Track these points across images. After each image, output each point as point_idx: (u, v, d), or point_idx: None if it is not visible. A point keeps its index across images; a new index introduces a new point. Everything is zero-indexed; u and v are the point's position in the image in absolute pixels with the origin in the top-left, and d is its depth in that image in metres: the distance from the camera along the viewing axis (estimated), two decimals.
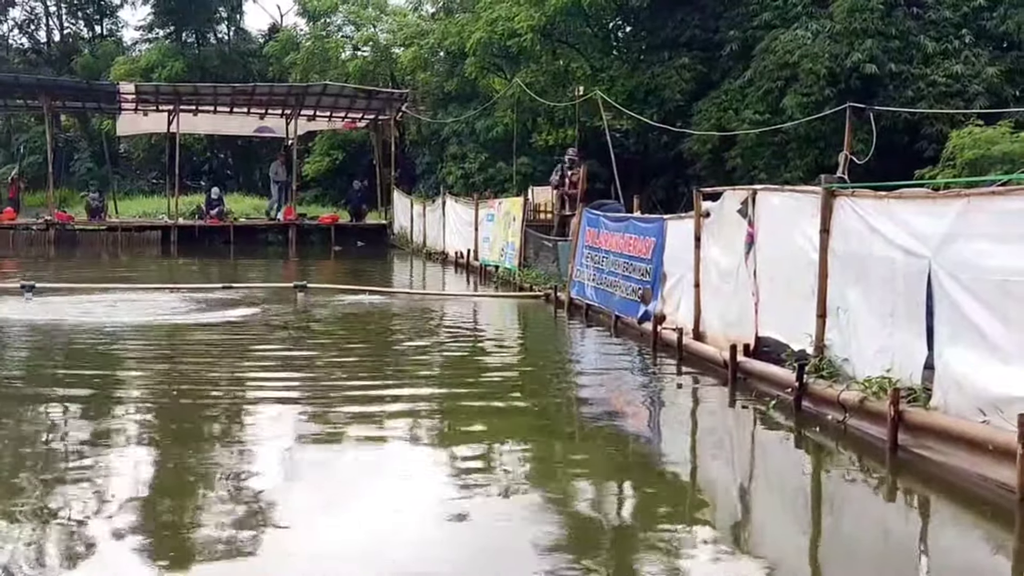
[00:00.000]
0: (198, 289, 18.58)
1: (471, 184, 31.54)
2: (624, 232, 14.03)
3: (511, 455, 7.62)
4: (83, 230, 32.67)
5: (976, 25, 24.82)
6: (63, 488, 6.43)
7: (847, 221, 8.48)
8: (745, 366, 9.86)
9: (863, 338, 8.24)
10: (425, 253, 28.27)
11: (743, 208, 10.35)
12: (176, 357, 11.86)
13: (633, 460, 7.62)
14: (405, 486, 6.69)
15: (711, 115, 26.52)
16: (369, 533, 5.77)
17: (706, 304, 11.41)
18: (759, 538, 6.04)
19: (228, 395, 9.76)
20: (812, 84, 24.31)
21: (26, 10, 51.64)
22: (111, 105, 35.38)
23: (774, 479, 7.49)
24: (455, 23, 33.93)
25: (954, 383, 7.03)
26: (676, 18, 29.27)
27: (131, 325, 14.14)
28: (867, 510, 6.60)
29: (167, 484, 6.71)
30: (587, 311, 15.06)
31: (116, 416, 8.70)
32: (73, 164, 44.36)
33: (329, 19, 42.80)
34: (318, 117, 36.46)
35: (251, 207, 37.37)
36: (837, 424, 8.10)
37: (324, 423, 8.47)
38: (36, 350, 12.59)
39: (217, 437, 8.06)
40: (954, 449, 6.85)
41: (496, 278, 21.04)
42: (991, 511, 6.26)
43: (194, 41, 47.50)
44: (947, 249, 7.20)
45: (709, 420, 9.28)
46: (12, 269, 23.88)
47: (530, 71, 30.79)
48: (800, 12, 25.77)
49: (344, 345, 13.34)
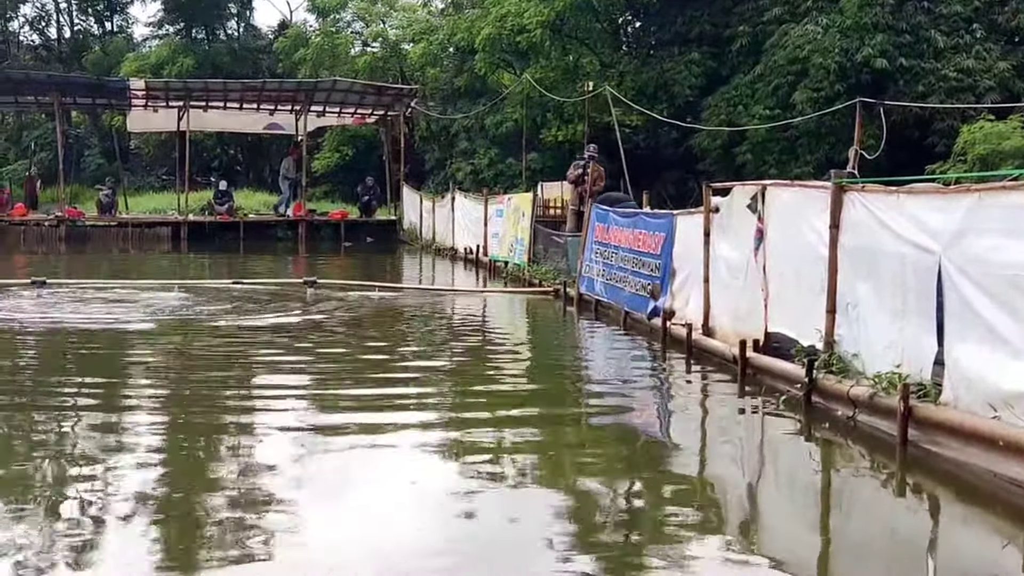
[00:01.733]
0: (199, 287, 18.60)
1: (480, 180, 31.58)
2: (633, 227, 14.01)
3: (520, 449, 7.61)
4: (94, 226, 32.77)
5: (987, 20, 24.76)
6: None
7: (857, 216, 8.46)
8: (755, 362, 9.85)
9: (873, 333, 8.22)
10: (435, 249, 28.29)
11: (753, 203, 10.33)
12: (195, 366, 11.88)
13: (641, 455, 7.62)
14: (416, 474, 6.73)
15: (721, 110, 26.51)
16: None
17: (715, 300, 11.39)
18: (769, 534, 6.03)
19: (238, 395, 9.81)
20: (822, 79, 24.28)
21: (37, 7, 51.80)
22: (121, 101, 35.42)
23: (784, 475, 7.48)
24: (464, 19, 33.95)
25: (964, 378, 7.01)
26: (686, 13, 29.26)
27: (140, 328, 14.19)
28: (877, 506, 6.59)
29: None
30: (596, 307, 15.05)
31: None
32: (84, 160, 44.52)
33: (338, 15, 42.88)
34: (328, 113, 36.54)
35: (261, 203, 37.43)
36: (847, 420, 8.09)
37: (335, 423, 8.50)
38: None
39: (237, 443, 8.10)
40: (964, 445, 6.84)
41: (505, 274, 21.05)
42: (1001, 507, 6.24)
43: (204, 37, 47.62)
44: (957, 244, 7.18)
45: (718, 416, 9.27)
46: (23, 265, 23.97)
47: (539, 67, 30.80)
48: (810, 7, 25.75)
49: (358, 343, 13.34)
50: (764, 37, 26.67)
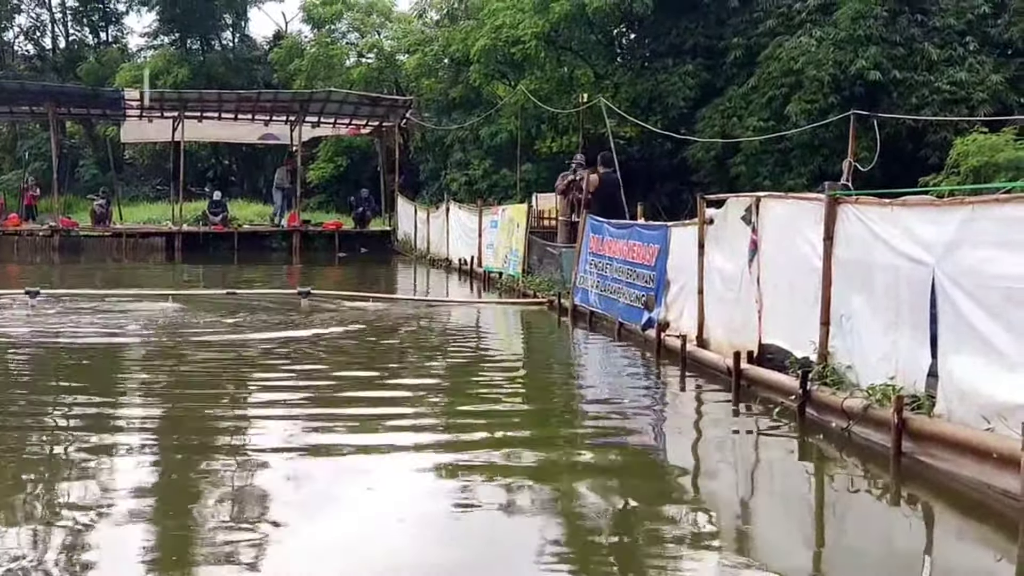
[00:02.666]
0: (193, 297, 18.57)
1: (475, 191, 31.62)
2: (628, 239, 14.02)
3: (511, 461, 7.58)
4: (88, 236, 32.72)
5: (980, 32, 24.87)
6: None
7: (851, 228, 8.47)
8: (749, 373, 9.84)
9: (867, 345, 8.23)
10: (429, 260, 28.28)
11: (747, 215, 10.35)
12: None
13: (635, 467, 7.59)
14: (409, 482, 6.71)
15: (715, 122, 26.58)
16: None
17: (710, 311, 11.40)
18: (763, 547, 6.01)
19: (235, 403, 9.77)
20: (816, 91, 24.37)
21: (32, 17, 51.94)
22: (116, 112, 35.44)
23: (778, 487, 7.47)
24: (459, 30, 34.03)
25: (958, 390, 7.01)
26: (680, 25, 29.34)
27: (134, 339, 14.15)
28: (871, 518, 6.58)
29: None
30: (591, 318, 15.05)
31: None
32: (78, 171, 44.51)
33: (334, 26, 42.99)
34: (322, 124, 36.53)
35: (255, 213, 37.42)
36: (841, 431, 8.08)
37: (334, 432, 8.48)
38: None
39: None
40: (958, 457, 6.83)
41: (500, 285, 21.04)
42: (995, 519, 6.24)
43: (199, 48, 47.70)
44: (951, 256, 7.18)
45: (712, 427, 9.26)
46: (17, 275, 23.91)
47: (534, 78, 30.87)
48: (804, 19, 25.86)
49: (349, 357, 13.31)
50: (758, 49, 26.76)
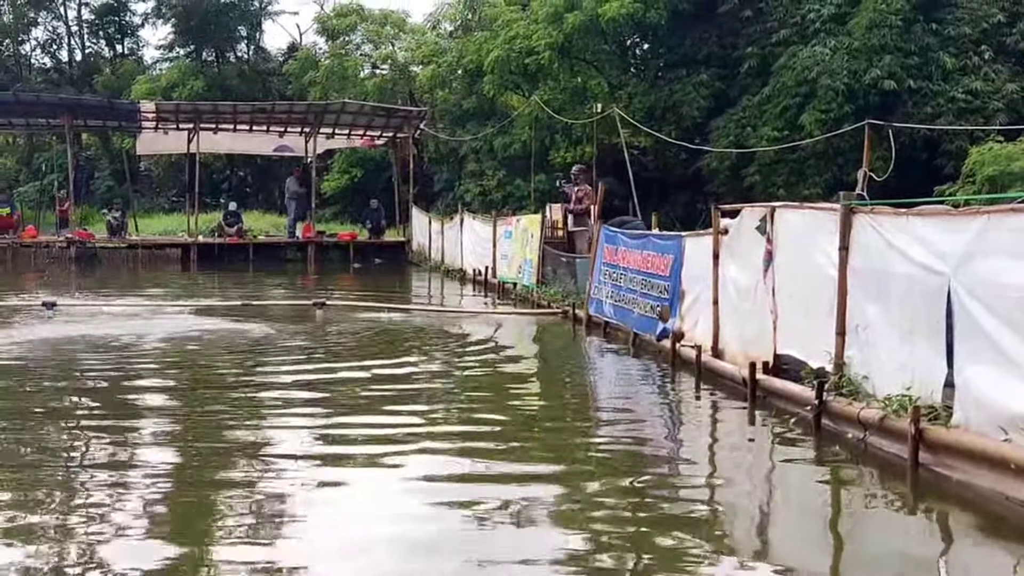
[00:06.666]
0: (208, 308, 18.63)
1: (489, 201, 31.62)
2: (642, 249, 14.02)
3: (528, 473, 7.60)
4: (104, 248, 32.88)
5: (996, 41, 24.75)
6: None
7: (866, 238, 8.46)
8: (764, 384, 9.82)
9: (883, 355, 8.21)
10: (443, 270, 28.31)
11: (761, 225, 10.34)
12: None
13: (652, 478, 7.59)
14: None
15: (729, 132, 26.53)
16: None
17: (724, 321, 11.38)
18: (780, 557, 6.00)
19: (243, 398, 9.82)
20: (830, 100, 24.29)
21: (48, 30, 52.30)
22: (132, 124, 35.61)
23: (795, 497, 7.45)
24: (473, 41, 34.07)
25: (974, 401, 6.99)
26: (694, 35, 29.31)
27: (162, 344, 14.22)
28: (888, 529, 6.56)
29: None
30: (605, 328, 15.04)
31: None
32: (94, 182, 44.71)
33: (348, 38, 43.11)
34: (337, 135, 36.63)
35: (270, 224, 37.59)
36: (857, 442, 8.05)
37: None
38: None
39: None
40: (975, 468, 6.81)
41: (514, 295, 21.05)
42: (1013, 530, 6.21)
43: (214, 60, 47.94)
44: (967, 266, 7.17)
45: (728, 438, 9.24)
46: (34, 286, 24.04)
47: (548, 88, 30.87)
48: (818, 29, 25.78)
49: (367, 366, 13.34)
50: (772, 59, 26.70)
